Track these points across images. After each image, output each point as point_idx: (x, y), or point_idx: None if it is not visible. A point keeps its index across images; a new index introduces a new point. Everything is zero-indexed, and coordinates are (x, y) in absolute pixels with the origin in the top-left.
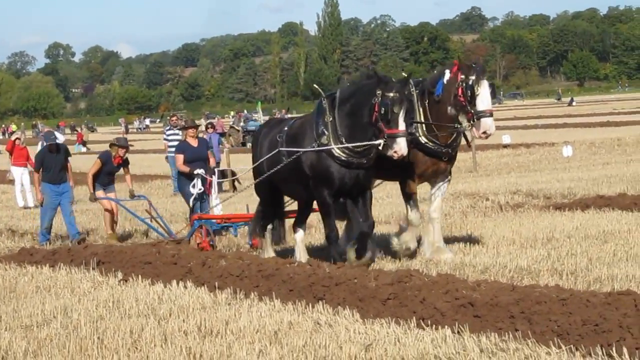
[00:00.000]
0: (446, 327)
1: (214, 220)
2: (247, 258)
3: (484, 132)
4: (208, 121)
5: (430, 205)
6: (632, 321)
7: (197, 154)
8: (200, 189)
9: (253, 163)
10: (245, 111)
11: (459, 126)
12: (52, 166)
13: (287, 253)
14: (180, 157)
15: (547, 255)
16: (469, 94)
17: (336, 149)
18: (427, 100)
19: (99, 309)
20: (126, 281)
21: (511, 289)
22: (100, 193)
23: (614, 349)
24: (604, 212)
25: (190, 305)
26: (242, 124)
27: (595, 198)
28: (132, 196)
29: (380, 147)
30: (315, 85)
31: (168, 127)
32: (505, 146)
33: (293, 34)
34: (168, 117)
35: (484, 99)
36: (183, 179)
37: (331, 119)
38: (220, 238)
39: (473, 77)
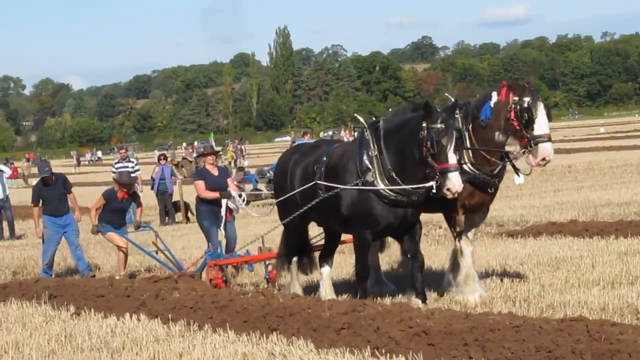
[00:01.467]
0: (400, 355)
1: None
2: (200, 289)
3: (544, 159)
4: (160, 152)
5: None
6: (584, 347)
7: (217, 183)
8: (235, 207)
9: (277, 190)
10: (197, 142)
11: (514, 153)
12: (50, 198)
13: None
14: (201, 183)
15: (500, 282)
16: (525, 118)
17: (385, 188)
18: (472, 125)
19: (50, 344)
20: (78, 315)
21: (465, 316)
22: (112, 235)
23: None
24: (555, 239)
25: (143, 338)
26: (194, 155)
27: (547, 225)
28: (138, 227)
29: (434, 190)
30: (355, 114)
31: (117, 160)
32: None
33: (245, 65)
34: (116, 149)
35: (541, 122)
36: (203, 210)
37: (376, 152)
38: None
39: (528, 99)
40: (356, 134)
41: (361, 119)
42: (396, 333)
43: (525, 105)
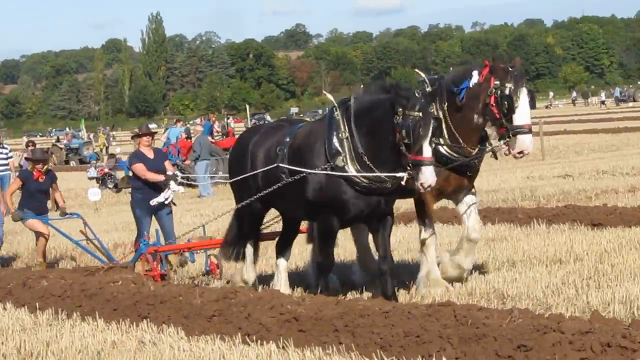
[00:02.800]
0: (271, 342)
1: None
2: (69, 277)
3: (521, 152)
4: (29, 139)
5: (466, 223)
6: (452, 332)
7: (153, 166)
8: (167, 198)
9: (234, 173)
10: (68, 129)
11: (490, 146)
12: None
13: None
14: (141, 166)
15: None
16: (505, 105)
17: (357, 175)
18: (447, 104)
19: None
20: None
21: (335, 302)
22: (33, 221)
23: (434, 359)
24: None
25: (9, 327)
26: (65, 141)
27: None
28: (64, 214)
29: (403, 182)
30: (325, 92)
31: None
32: None
33: (117, 51)
34: None
35: (522, 112)
36: (138, 198)
37: (347, 135)
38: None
39: (510, 85)
40: (229, 121)
41: (330, 96)
42: (267, 320)
43: (507, 92)
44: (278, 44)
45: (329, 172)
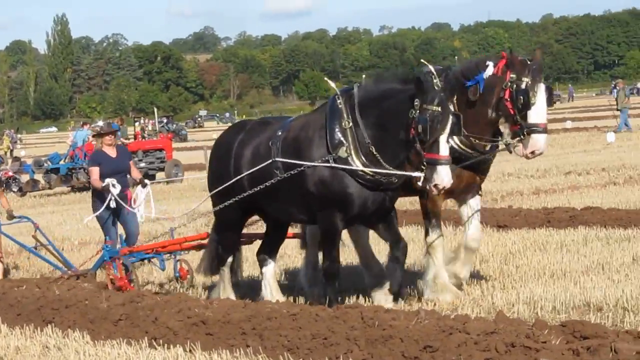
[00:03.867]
0: (178, 345)
1: (140, 252)
2: None
3: (533, 152)
4: None
5: (466, 230)
6: (359, 334)
7: (116, 166)
8: (112, 205)
9: (215, 177)
10: None
11: (503, 142)
12: None
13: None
14: (95, 171)
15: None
16: (521, 101)
17: (360, 166)
18: (455, 97)
19: None
20: None
21: (243, 306)
22: None
23: None
24: None
25: None
26: None
27: None
28: (11, 217)
29: (420, 182)
30: (326, 78)
31: None
32: None
33: (21, 52)
34: None
35: (538, 109)
36: (97, 199)
37: (351, 124)
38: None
39: (528, 80)
40: (137, 124)
41: (332, 84)
42: (174, 323)
43: (523, 86)
44: (186, 47)
45: (334, 165)
